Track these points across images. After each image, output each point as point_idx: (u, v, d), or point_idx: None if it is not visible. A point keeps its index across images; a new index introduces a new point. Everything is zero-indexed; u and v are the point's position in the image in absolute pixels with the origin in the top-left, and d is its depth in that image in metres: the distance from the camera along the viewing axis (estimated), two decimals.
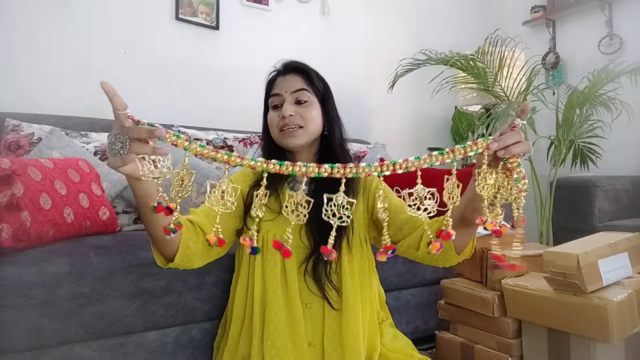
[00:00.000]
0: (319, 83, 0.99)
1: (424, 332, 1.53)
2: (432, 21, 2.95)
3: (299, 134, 0.94)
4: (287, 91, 0.95)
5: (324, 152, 1.00)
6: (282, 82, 0.97)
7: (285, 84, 0.96)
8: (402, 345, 1.03)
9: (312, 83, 0.98)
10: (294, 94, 0.95)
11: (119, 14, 1.95)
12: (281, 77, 0.98)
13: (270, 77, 1.00)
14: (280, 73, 0.99)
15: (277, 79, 0.98)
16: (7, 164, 0.98)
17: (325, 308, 0.91)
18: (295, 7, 2.46)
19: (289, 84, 0.96)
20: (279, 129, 0.95)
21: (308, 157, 1.00)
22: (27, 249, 0.98)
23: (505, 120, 1.86)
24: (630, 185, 2.17)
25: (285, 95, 0.95)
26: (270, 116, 0.97)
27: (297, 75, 0.97)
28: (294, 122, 0.93)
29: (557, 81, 2.80)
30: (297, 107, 0.94)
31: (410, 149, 2.82)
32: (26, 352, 0.90)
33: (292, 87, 0.95)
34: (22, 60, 1.74)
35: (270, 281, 0.90)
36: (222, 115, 2.17)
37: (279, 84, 0.97)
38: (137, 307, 1.01)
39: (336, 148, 0.98)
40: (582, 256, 1.02)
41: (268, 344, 0.87)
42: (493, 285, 1.26)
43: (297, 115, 0.94)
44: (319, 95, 0.98)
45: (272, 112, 0.97)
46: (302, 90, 0.95)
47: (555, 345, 1.12)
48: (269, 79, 1.01)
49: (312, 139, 0.97)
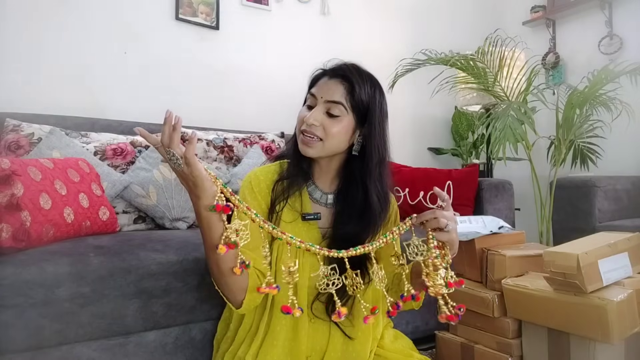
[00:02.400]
0: (363, 98, 0.89)
1: (424, 332, 1.53)
2: (432, 21, 2.95)
3: (315, 146, 0.88)
4: (322, 97, 0.89)
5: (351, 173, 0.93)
6: (323, 85, 0.90)
7: (325, 89, 0.89)
8: (402, 345, 1.03)
9: (353, 97, 0.88)
10: (328, 104, 0.88)
11: (118, 14, 1.95)
12: (324, 79, 0.91)
13: (316, 74, 0.94)
14: (325, 74, 0.92)
15: (321, 79, 0.92)
16: (7, 164, 0.98)
17: (331, 331, 0.91)
18: (295, 7, 2.46)
19: (328, 91, 0.89)
20: (300, 131, 0.90)
21: (327, 171, 0.95)
22: (27, 249, 0.98)
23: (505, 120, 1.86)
24: (630, 185, 2.17)
25: (320, 100, 0.89)
26: (301, 112, 0.92)
27: (341, 84, 0.89)
28: (314, 132, 0.88)
29: (557, 81, 2.80)
30: (325, 118, 0.88)
31: (410, 149, 2.82)
32: (26, 352, 0.90)
33: (329, 95, 0.88)
34: (22, 60, 1.74)
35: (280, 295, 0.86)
36: (222, 115, 2.17)
37: (320, 85, 0.91)
38: (137, 307, 1.01)
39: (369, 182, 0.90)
40: (582, 256, 1.02)
41: (267, 350, 0.87)
42: (493, 285, 1.26)
43: (321, 127, 0.88)
44: (357, 111, 0.89)
45: (303, 108, 0.92)
46: (337, 104, 0.88)
47: (555, 345, 1.12)
48: (314, 75, 0.95)
49: (328, 154, 0.91)
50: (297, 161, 0.94)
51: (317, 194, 0.95)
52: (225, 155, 1.84)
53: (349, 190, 0.92)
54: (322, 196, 0.95)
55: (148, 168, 1.56)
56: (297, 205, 0.93)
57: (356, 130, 0.91)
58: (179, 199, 1.57)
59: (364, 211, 0.90)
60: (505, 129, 1.83)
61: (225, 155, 1.83)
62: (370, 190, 0.90)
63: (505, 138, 1.82)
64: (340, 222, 0.91)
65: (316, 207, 0.95)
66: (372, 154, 0.90)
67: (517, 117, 1.89)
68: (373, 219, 0.90)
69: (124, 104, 1.94)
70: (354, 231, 0.89)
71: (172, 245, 1.13)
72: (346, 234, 0.89)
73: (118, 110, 1.88)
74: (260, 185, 0.93)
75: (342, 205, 0.93)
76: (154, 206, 1.54)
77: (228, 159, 1.84)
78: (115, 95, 1.93)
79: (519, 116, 1.91)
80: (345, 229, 0.89)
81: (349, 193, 0.92)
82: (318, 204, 0.95)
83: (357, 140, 0.91)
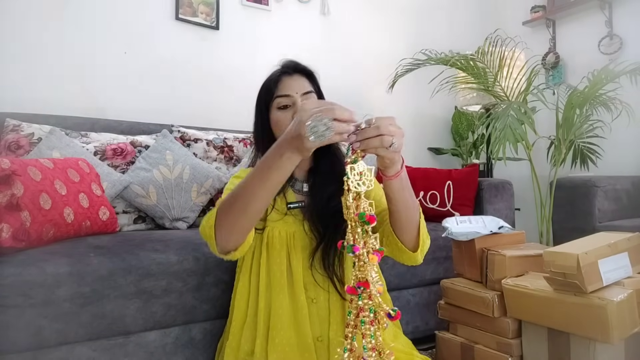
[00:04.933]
0: (318, 83, 1.00)
1: (424, 332, 1.53)
2: (432, 21, 2.95)
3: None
4: (297, 92, 0.93)
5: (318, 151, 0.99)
6: (291, 82, 0.94)
7: (295, 85, 0.94)
8: (402, 344, 1.03)
9: (316, 84, 0.98)
10: (305, 95, 0.93)
11: (119, 14, 1.95)
12: (288, 77, 0.95)
13: (275, 77, 0.97)
14: (286, 73, 0.96)
15: (284, 79, 0.95)
16: (7, 164, 0.98)
17: (330, 301, 0.92)
18: (295, 7, 2.46)
19: (299, 85, 0.94)
20: None
21: (305, 162, 0.99)
22: (27, 249, 0.98)
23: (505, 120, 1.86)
24: (630, 185, 2.17)
25: (296, 96, 0.93)
26: (279, 117, 0.94)
27: (304, 76, 0.97)
28: None
29: (557, 81, 2.80)
30: None
31: (410, 149, 2.82)
32: (26, 352, 0.90)
33: (302, 88, 0.94)
34: (23, 60, 1.74)
35: (276, 278, 0.90)
36: (222, 115, 2.17)
37: (288, 84, 0.94)
38: (137, 307, 1.01)
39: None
40: (582, 256, 1.02)
41: (275, 341, 0.87)
42: (493, 285, 1.26)
43: None
44: (320, 96, 0.99)
45: (279, 112, 0.94)
46: (311, 93, 0.95)
47: (555, 345, 1.12)
48: (272, 78, 0.97)
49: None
50: None
51: (298, 185, 0.99)
52: (225, 155, 1.84)
53: (319, 163, 0.97)
54: (304, 185, 0.99)
55: (148, 168, 1.56)
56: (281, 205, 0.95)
57: None
58: (178, 199, 1.57)
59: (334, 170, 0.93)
60: (505, 129, 1.83)
61: (225, 155, 1.83)
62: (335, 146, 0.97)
63: (505, 138, 1.82)
64: (315, 189, 0.96)
65: (299, 197, 0.98)
66: None
67: (517, 117, 1.89)
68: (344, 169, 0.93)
69: (124, 104, 1.94)
70: (329, 191, 0.92)
71: (172, 245, 1.13)
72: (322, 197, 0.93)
73: (118, 110, 1.88)
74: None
75: (314, 177, 0.98)
76: (154, 206, 1.54)
77: (228, 159, 1.84)
78: (115, 95, 1.93)
79: (519, 116, 1.91)
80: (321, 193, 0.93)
81: (320, 165, 0.97)
82: (300, 194, 0.99)
83: None
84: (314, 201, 0.95)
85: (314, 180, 0.97)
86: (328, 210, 0.91)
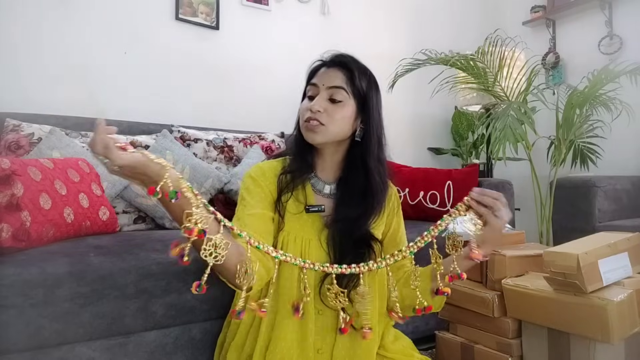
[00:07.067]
0: (362, 84, 0.93)
1: (424, 332, 1.53)
2: (432, 21, 2.95)
3: (319, 131, 0.90)
4: (324, 84, 0.92)
5: (353, 160, 0.95)
6: (323, 74, 0.93)
7: (325, 77, 0.93)
8: (403, 345, 1.03)
9: (353, 83, 0.92)
10: (330, 89, 0.91)
11: (118, 14, 1.95)
12: (324, 69, 0.94)
13: (314, 66, 0.97)
14: (324, 64, 0.96)
15: (320, 70, 0.95)
16: (7, 164, 0.98)
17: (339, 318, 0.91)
18: (295, 7, 2.46)
19: (329, 78, 0.92)
20: (304, 120, 0.92)
21: (331, 162, 0.97)
22: (27, 249, 0.98)
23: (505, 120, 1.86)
24: (630, 185, 2.17)
25: (322, 88, 0.92)
26: (302, 105, 0.94)
27: (340, 71, 0.93)
28: (318, 119, 0.90)
29: (557, 81, 2.80)
30: (329, 105, 0.91)
31: (410, 149, 2.82)
32: (26, 352, 0.90)
33: (330, 82, 0.91)
34: (23, 60, 1.74)
35: (285, 287, 0.88)
36: (222, 115, 2.17)
37: (320, 75, 0.94)
38: (137, 307, 1.01)
39: (370, 162, 0.93)
40: (582, 256, 1.02)
41: (275, 350, 0.87)
42: (493, 285, 1.26)
43: (325, 113, 0.90)
44: (357, 97, 0.93)
45: (305, 100, 0.94)
46: (339, 89, 0.91)
47: (555, 345, 1.12)
48: (312, 67, 0.97)
49: (331, 140, 0.92)
50: (301, 154, 0.96)
51: (319, 185, 0.96)
52: (225, 155, 1.84)
53: (350, 175, 0.95)
54: (325, 187, 0.96)
55: None
56: (301, 198, 0.94)
57: (357, 117, 0.94)
58: None
59: (365, 191, 0.92)
60: (505, 129, 1.83)
61: (225, 155, 1.84)
62: (371, 169, 0.93)
63: (505, 138, 1.82)
64: (341, 205, 0.93)
65: (319, 199, 0.96)
66: (372, 138, 0.94)
67: (517, 117, 1.89)
68: (375, 197, 0.92)
69: (124, 104, 1.94)
70: (355, 214, 0.91)
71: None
72: (347, 217, 0.90)
73: (118, 110, 1.88)
74: (266, 174, 0.94)
75: (342, 190, 0.95)
76: (154, 206, 1.54)
77: (228, 159, 1.84)
78: (115, 95, 1.93)
79: (519, 116, 1.91)
80: (347, 212, 0.91)
81: (350, 178, 0.95)
82: (321, 196, 0.96)
83: (359, 126, 0.95)
84: (337, 215, 0.92)
85: (341, 193, 0.94)
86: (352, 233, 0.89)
